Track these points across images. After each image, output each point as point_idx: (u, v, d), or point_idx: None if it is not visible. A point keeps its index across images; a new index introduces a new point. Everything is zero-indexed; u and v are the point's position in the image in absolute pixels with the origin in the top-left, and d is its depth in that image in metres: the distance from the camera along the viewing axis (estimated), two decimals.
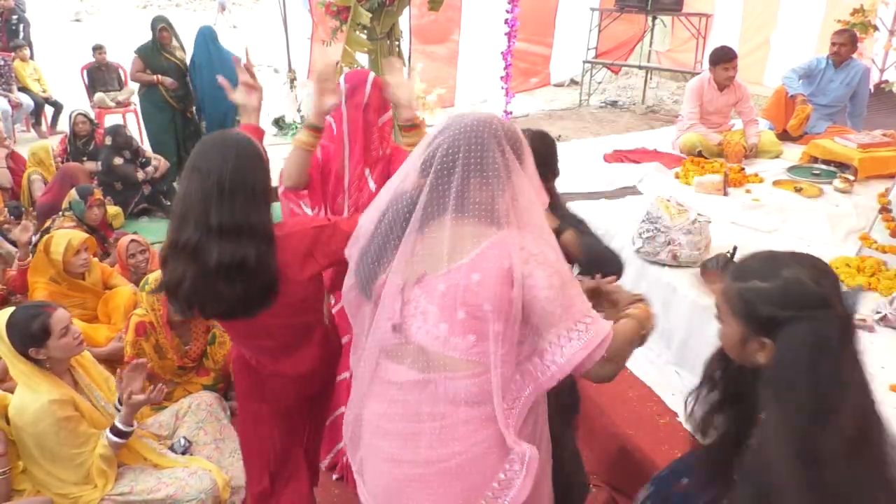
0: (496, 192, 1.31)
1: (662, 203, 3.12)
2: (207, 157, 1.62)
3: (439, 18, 7.07)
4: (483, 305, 1.30)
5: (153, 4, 18.72)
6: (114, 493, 2.25)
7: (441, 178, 1.32)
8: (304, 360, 1.91)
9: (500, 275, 1.29)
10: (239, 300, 1.65)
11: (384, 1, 3.93)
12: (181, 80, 5.71)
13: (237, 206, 1.60)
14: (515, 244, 1.30)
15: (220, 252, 1.59)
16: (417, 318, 1.36)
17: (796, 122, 4.81)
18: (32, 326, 2.15)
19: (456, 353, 1.34)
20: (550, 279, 1.28)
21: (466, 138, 1.31)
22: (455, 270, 1.31)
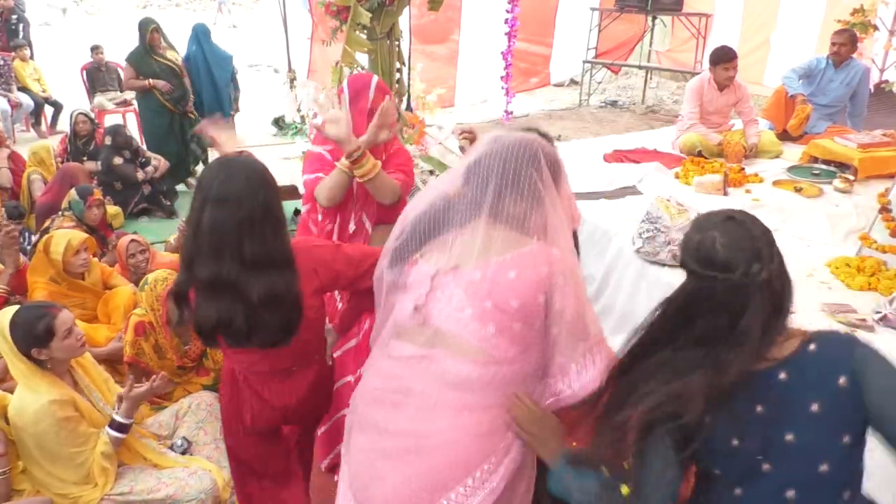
0: (529, 209, 1.40)
1: (662, 203, 3.12)
2: (233, 186, 1.58)
3: (439, 18, 7.06)
4: (511, 301, 1.37)
5: (153, 4, 18.71)
6: (114, 492, 2.25)
7: (478, 189, 1.42)
8: (290, 393, 1.89)
9: (536, 278, 1.38)
10: (282, 329, 1.67)
11: (384, 1, 3.93)
12: (175, 80, 5.61)
13: (268, 237, 1.61)
14: (554, 255, 1.39)
15: (260, 285, 1.59)
16: (441, 301, 1.43)
17: (796, 121, 4.81)
18: (37, 327, 2.14)
19: (472, 338, 1.39)
20: (581, 295, 1.40)
21: (505, 156, 1.41)
22: (493, 264, 1.39)
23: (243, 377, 1.93)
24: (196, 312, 1.66)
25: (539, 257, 1.40)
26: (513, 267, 1.39)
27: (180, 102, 5.65)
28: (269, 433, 2.03)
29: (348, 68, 4.04)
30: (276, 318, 1.64)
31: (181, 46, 6.08)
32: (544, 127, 2.09)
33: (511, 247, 1.41)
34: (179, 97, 5.64)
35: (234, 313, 1.62)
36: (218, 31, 14.69)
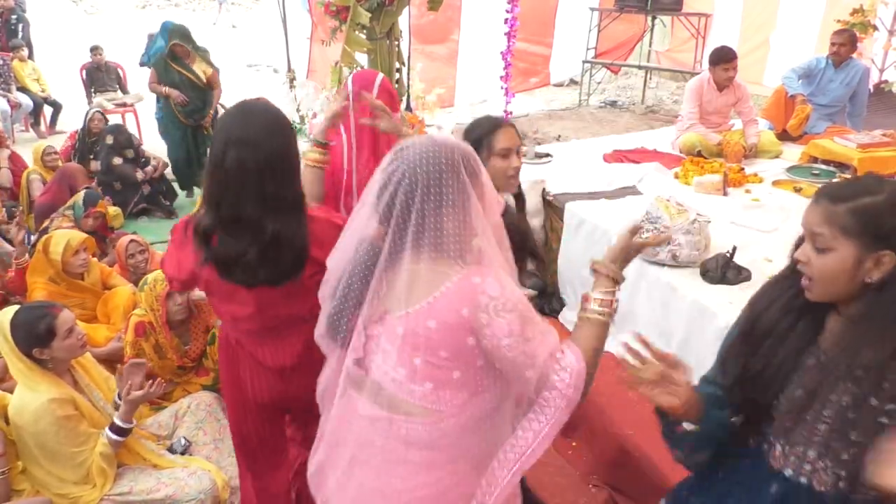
0: (454, 222, 1.28)
1: (662, 203, 3.12)
2: (251, 129, 1.64)
3: (439, 18, 7.06)
4: (440, 352, 1.29)
5: (153, 4, 18.69)
6: (113, 493, 2.26)
7: (400, 222, 1.28)
8: (284, 353, 1.89)
9: (458, 323, 1.27)
10: (289, 267, 1.71)
11: (383, 1, 3.93)
12: (194, 93, 5.35)
13: (286, 179, 1.67)
14: (475, 287, 1.26)
15: (275, 224, 1.65)
16: (378, 356, 1.36)
17: (796, 122, 4.81)
18: (38, 327, 2.15)
19: (412, 399, 1.33)
20: (511, 326, 1.26)
21: (423, 173, 1.27)
22: (413, 315, 1.29)
23: (236, 341, 1.93)
24: (217, 246, 1.71)
25: (457, 297, 1.27)
26: (431, 315, 1.28)
27: (193, 115, 5.41)
28: (272, 409, 2.02)
29: (348, 68, 4.04)
30: (283, 257, 1.69)
31: None
32: (544, 127, 2.08)
33: (431, 286, 1.28)
34: (192, 110, 5.38)
35: (250, 248, 1.67)
36: (218, 31, 14.71)
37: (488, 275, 1.28)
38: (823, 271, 1.24)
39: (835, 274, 1.23)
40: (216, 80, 5.41)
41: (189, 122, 5.41)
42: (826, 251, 1.23)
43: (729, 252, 2.99)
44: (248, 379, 1.95)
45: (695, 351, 2.92)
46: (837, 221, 1.22)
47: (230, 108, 1.75)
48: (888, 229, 1.19)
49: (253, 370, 1.93)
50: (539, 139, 6.90)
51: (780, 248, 3.24)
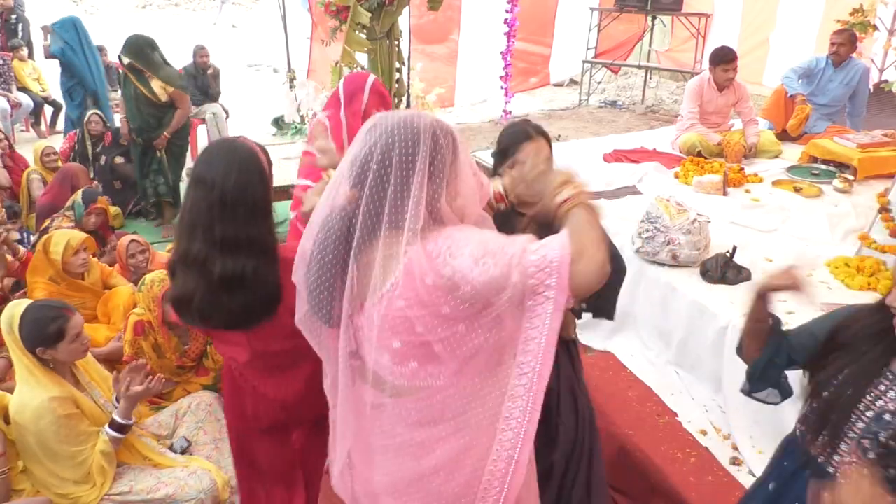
0: (431, 200, 1.24)
1: (662, 203, 3.12)
2: (211, 169, 1.63)
3: (439, 18, 7.06)
4: (416, 329, 1.25)
5: (153, 4, 18.69)
6: (113, 492, 2.26)
7: (376, 190, 1.24)
8: (286, 387, 1.89)
9: (427, 293, 1.22)
10: (241, 311, 1.67)
11: (384, 1, 3.93)
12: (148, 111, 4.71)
13: (239, 220, 1.62)
14: (430, 255, 1.22)
15: (223, 265, 1.62)
16: (365, 346, 1.34)
17: (796, 121, 4.82)
18: (49, 328, 2.15)
19: (403, 381, 1.31)
20: (473, 254, 1.19)
21: (397, 140, 1.23)
22: (383, 298, 1.26)
23: (239, 373, 1.94)
24: (172, 286, 1.73)
25: (417, 268, 1.22)
26: (399, 295, 1.24)
27: (142, 133, 4.75)
28: (275, 432, 2.02)
29: (348, 68, 4.04)
30: (235, 301, 1.65)
31: (178, 47, 6.01)
32: (544, 127, 2.07)
33: (395, 265, 1.24)
34: (141, 127, 4.74)
35: (196, 291, 1.66)
36: (218, 31, 14.71)
37: (440, 234, 1.24)
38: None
39: None
40: (179, 98, 4.80)
41: (138, 140, 4.79)
42: None
43: (729, 252, 2.99)
44: (249, 407, 1.95)
45: (695, 350, 2.92)
46: None
47: (210, 144, 1.76)
48: None
49: (255, 402, 1.93)
50: None
51: (780, 248, 3.27)
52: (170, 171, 4.90)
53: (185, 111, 4.92)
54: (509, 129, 2.07)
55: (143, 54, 4.61)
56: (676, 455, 2.50)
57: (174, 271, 1.71)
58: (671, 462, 2.47)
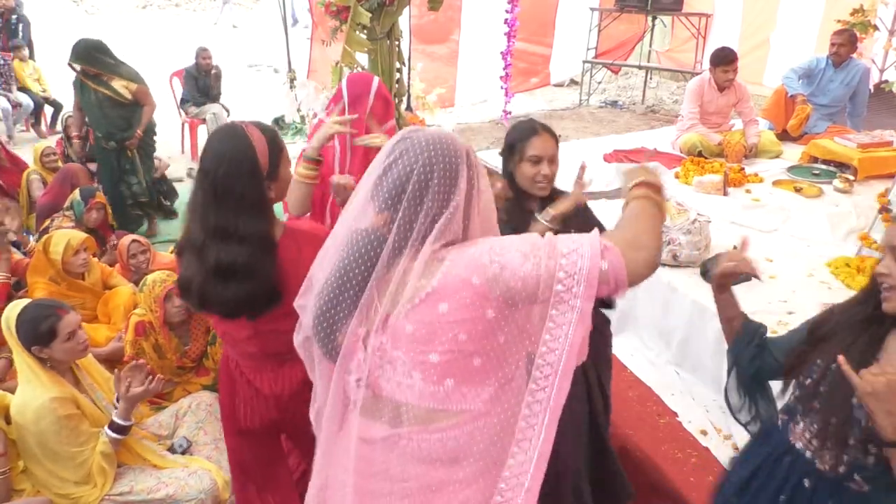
0: (461, 216, 1.20)
1: None
2: (207, 157, 1.64)
3: (439, 18, 7.06)
4: (459, 336, 1.15)
5: (153, 4, 18.70)
6: (113, 492, 2.26)
7: (411, 211, 1.17)
8: (283, 382, 1.88)
9: (473, 294, 1.14)
10: (236, 301, 1.67)
11: (384, 1, 3.93)
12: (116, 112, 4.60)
13: (229, 210, 1.62)
14: (474, 256, 1.16)
15: (217, 254, 1.62)
16: (385, 369, 1.21)
17: (796, 121, 4.82)
18: (40, 327, 2.16)
19: (433, 403, 1.18)
20: (521, 249, 1.14)
21: (436, 160, 1.18)
22: (421, 305, 1.16)
23: (235, 364, 1.93)
24: (179, 268, 1.75)
25: (463, 269, 1.15)
26: (441, 298, 1.14)
27: (113, 136, 4.62)
28: (266, 434, 2.02)
29: (348, 68, 4.04)
30: (229, 290, 1.65)
31: (178, 47, 5.99)
32: None
33: (430, 272, 1.16)
34: (110, 131, 4.62)
35: (195, 276, 1.67)
36: (218, 31, 14.71)
37: (477, 241, 1.21)
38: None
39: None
40: (144, 95, 4.66)
41: (108, 146, 4.64)
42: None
43: None
44: (241, 407, 1.94)
45: (695, 351, 2.92)
46: None
47: (217, 128, 1.76)
48: None
49: (249, 398, 1.93)
50: None
51: (781, 248, 3.27)
52: (144, 171, 4.81)
53: (152, 107, 4.79)
54: (517, 125, 2.11)
55: (92, 58, 4.49)
56: (677, 455, 2.50)
57: (181, 253, 1.73)
58: (671, 462, 2.47)
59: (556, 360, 1.15)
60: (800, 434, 1.47)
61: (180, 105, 6.77)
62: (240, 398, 1.94)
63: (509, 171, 2.09)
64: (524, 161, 2.03)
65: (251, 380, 1.90)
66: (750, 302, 2.78)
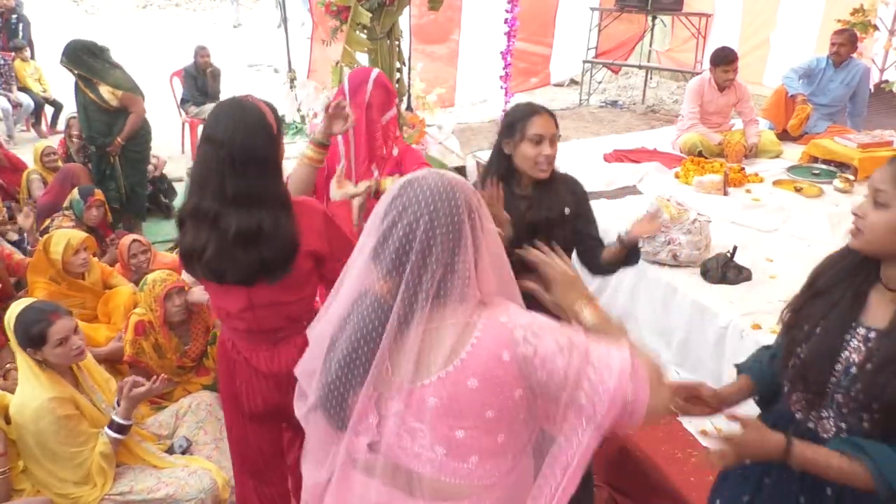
0: (472, 268, 1.14)
1: (662, 203, 3.12)
2: (219, 127, 1.65)
3: (439, 18, 7.05)
4: (486, 414, 1.12)
5: (153, 4, 18.70)
6: (113, 492, 2.26)
7: (418, 272, 1.10)
8: (280, 359, 1.89)
9: (503, 372, 1.10)
10: (259, 265, 1.69)
11: (384, 0, 3.93)
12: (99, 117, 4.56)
13: (250, 176, 1.64)
14: (506, 328, 1.11)
15: (238, 221, 1.64)
16: (403, 437, 1.17)
17: (796, 121, 4.82)
18: (31, 331, 2.15)
19: (456, 479, 1.16)
20: (558, 341, 1.10)
21: (438, 219, 1.10)
22: (448, 379, 1.11)
23: (232, 345, 1.93)
24: (181, 239, 1.75)
25: (493, 343, 1.11)
26: (470, 373, 1.10)
27: (95, 141, 4.60)
28: (269, 421, 2.02)
29: (348, 68, 4.04)
30: (250, 256, 1.67)
31: (178, 47, 5.98)
32: None
33: (458, 342, 1.11)
34: (91, 135, 4.59)
35: (208, 244, 1.67)
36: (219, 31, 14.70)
37: (509, 307, 1.15)
38: (876, 225, 1.30)
39: (886, 229, 1.29)
40: (131, 102, 4.57)
41: (91, 148, 4.66)
42: (883, 206, 1.29)
43: (729, 252, 3.00)
44: (243, 389, 1.95)
45: (695, 350, 2.92)
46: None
47: (218, 103, 1.79)
48: None
49: (248, 379, 1.93)
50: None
51: (781, 248, 3.27)
52: (123, 177, 4.70)
53: (139, 115, 4.65)
54: (516, 107, 2.09)
55: (81, 61, 4.41)
56: (677, 455, 2.50)
57: (183, 223, 1.73)
58: (672, 462, 2.47)
59: (566, 463, 1.14)
60: (795, 402, 1.45)
61: (180, 105, 6.78)
62: (240, 379, 1.94)
63: (507, 154, 2.04)
64: (525, 140, 1.98)
65: (248, 358, 1.91)
66: (750, 302, 2.80)
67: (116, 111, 4.55)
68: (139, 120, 4.68)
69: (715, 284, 2.96)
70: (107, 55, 4.60)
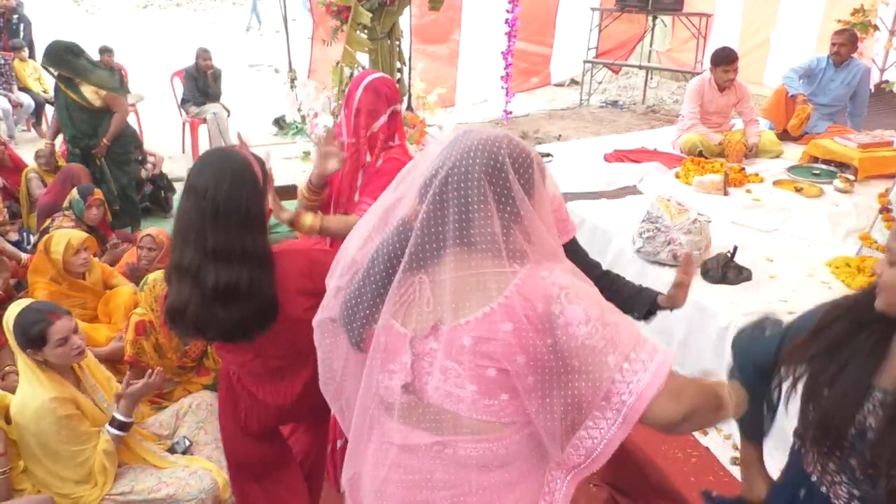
0: (505, 225, 1.15)
1: (663, 203, 3.12)
2: (203, 177, 1.61)
3: (440, 18, 7.06)
4: (517, 358, 1.14)
5: (154, 4, 18.71)
6: (114, 492, 2.26)
7: (437, 207, 1.15)
8: (286, 393, 1.89)
9: (536, 321, 1.13)
10: (236, 324, 1.65)
11: (385, 0, 3.93)
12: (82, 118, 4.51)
13: (232, 230, 1.60)
14: (545, 282, 1.14)
15: (217, 276, 1.59)
16: (435, 375, 1.19)
17: (797, 121, 4.82)
18: (31, 331, 2.15)
19: (486, 416, 1.19)
20: (588, 312, 1.12)
21: (469, 161, 1.15)
22: (484, 320, 1.14)
23: (237, 377, 1.94)
24: (167, 295, 1.72)
25: (530, 292, 1.13)
26: (505, 317, 1.13)
27: (79, 142, 4.54)
28: (265, 435, 2.03)
29: (349, 68, 4.04)
30: (231, 313, 1.63)
31: (178, 48, 5.98)
32: (545, 127, 2.08)
33: (497, 287, 1.14)
34: (75, 136, 4.53)
35: (189, 302, 1.64)
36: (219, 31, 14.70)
37: (555, 268, 1.16)
38: (891, 283, 1.31)
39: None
40: (115, 103, 4.54)
41: (74, 151, 4.60)
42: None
43: (730, 252, 2.99)
44: (242, 414, 1.95)
45: (695, 350, 2.92)
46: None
47: (204, 153, 1.75)
48: None
49: (253, 408, 1.93)
50: (540, 139, 6.90)
51: (781, 248, 3.27)
52: (113, 180, 4.66)
53: (123, 115, 4.63)
54: None
55: (63, 61, 4.38)
56: (677, 455, 2.50)
57: (170, 280, 1.70)
58: (672, 462, 2.47)
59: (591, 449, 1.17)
60: (811, 462, 1.37)
61: (181, 105, 6.78)
62: (241, 405, 1.95)
63: None
64: None
65: (253, 392, 1.91)
66: (750, 302, 2.80)
67: (100, 111, 4.51)
68: (123, 120, 4.64)
69: (715, 284, 2.96)
70: (88, 55, 4.56)
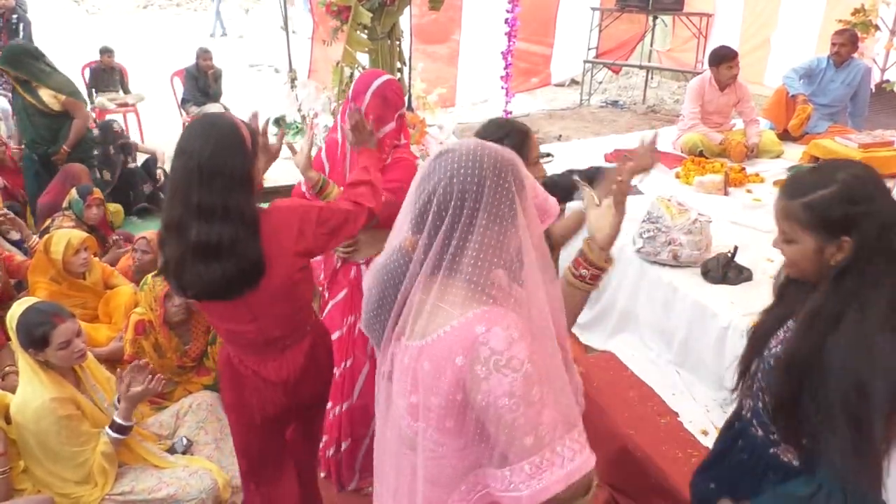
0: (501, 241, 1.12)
1: (663, 203, 3.12)
2: (191, 140, 1.67)
3: (440, 18, 7.06)
4: (432, 398, 1.13)
5: (154, 4, 18.71)
6: (115, 492, 2.26)
7: (434, 233, 1.12)
8: (288, 366, 1.90)
9: (450, 373, 1.10)
10: (216, 281, 1.68)
11: (385, 0, 3.93)
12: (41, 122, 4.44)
13: (216, 189, 1.64)
14: (476, 339, 1.08)
15: (198, 231, 1.64)
16: (395, 380, 1.25)
17: (797, 121, 4.82)
18: (34, 333, 2.15)
19: (412, 434, 1.20)
20: (513, 386, 1.06)
21: (462, 181, 1.11)
22: (413, 350, 1.15)
23: (239, 360, 1.94)
24: (160, 255, 1.77)
25: (455, 342, 1.09)
26: (427, 356, 1.12)
27: (37, 148, 4.50)
28: (275, 424, 2.03)
29: (349, 68, 4.04)
30: (211, 270, 1.66)
31: (178, 48, 5.98)
32: (545, 127, 2.09)
33: (437, 324, 1.12)
34: (34, 141, 4.47)
35: (173, 258, 1.69)
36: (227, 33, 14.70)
37: (498, 323, 1.09)
38: (793, 258, 1.38)
39: (802, 260, 1.35)
40: (75, 108, 4.47)
41: (32, 157, 4.53)
42: (791, 242, 1.35)
43: (730, 252, 2.99)
44: (253, 399, 1.95)
45: (696, 350, 2.92)
46: (794, 216, 1.33)
47: (194, 119, 1.80)
48: (839, 219, 1.28)
49: (258, 389, 1.94)
50: (540, 139, 6.90)
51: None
52: None
53: (83, 120, 4.55)
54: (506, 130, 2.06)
55: (22, 64, 4.34)
56: (678, 455, 2.50)
57: (163, 242, 1.75)
58: (672, 462, 2.47)
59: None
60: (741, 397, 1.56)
61: (181, 105, 6.78)
62: (249, 391, 1.95)
63: None
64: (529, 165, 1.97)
65: (256, 370, 1.92)
66: (751, 302, 2.80)
67: (59, 116, 4.44)
68: (83, 127, 4.57)
69: (716, 284, 2.96)
70: (48, 60, 4.51)
